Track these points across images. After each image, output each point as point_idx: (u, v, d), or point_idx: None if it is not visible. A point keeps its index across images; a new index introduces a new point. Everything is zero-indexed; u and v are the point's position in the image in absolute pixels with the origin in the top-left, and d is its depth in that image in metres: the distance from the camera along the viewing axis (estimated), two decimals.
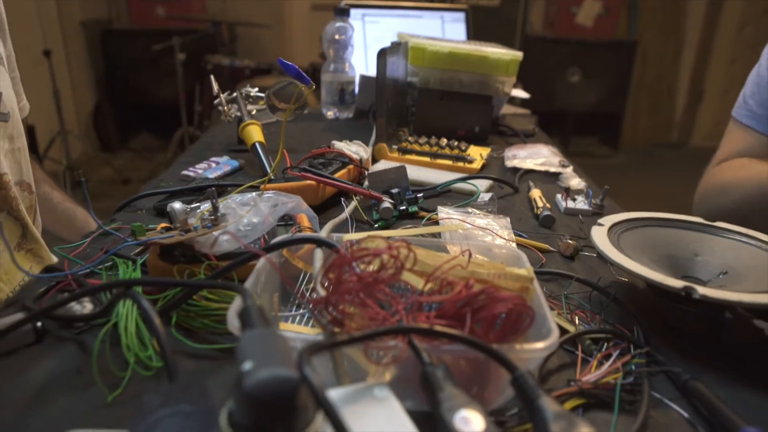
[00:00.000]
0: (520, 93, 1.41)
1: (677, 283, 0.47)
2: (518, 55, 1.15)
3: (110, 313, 0.47)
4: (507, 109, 1.40)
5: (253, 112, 1.04)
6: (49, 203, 1.02)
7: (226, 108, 0.99)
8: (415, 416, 0.31)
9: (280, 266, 0.51)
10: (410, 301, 0.37)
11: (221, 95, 1.00)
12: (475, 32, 1.67)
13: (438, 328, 0.35)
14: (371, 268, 0.38)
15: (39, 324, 0.48)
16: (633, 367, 0.46)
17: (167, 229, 0.56)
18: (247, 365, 0.27)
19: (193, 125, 3.60)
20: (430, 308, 0.40)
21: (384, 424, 0.31)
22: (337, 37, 1.27)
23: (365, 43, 1.55)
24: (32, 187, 0.88)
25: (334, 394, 0.32)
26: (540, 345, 0.37)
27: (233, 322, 0.37)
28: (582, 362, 0.47)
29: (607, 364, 0.45)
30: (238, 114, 0.99)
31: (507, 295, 0.37)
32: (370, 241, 0.40)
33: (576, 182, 0.91)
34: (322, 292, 0.38)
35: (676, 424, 0.41)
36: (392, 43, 1.07)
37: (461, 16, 1.70)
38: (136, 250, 0.61)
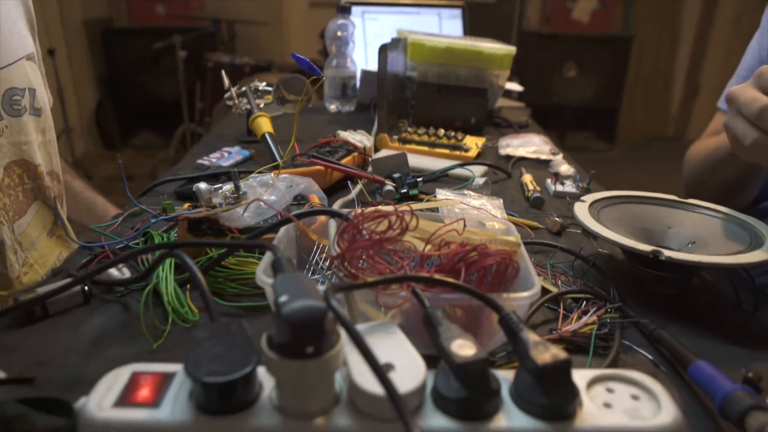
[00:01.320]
0: (514, 86, 1.48)
1: (646, 248, 0.54)
2: (512, 49, 1.22)
3: (149, 278, 0.54)
4: (503, 103, 1.46)
5: (261, 106, 1.10)
6: (71, 192, 1.08)
7: (236, 101, 1.05)
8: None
9: (296, 238, 0.57)
10: (413, 256, 0.44)
11: (232, 89, 1.06)
12: (472, 28, 1.73)
13: (436, 276, 0.41)
14: (380, 229, 0.44)
15: (86, 288, 0.54)
16: (608, 320, 0.52)
17: (193, 207, 0.63)
18: (284, 298, 0.34)
19: (195, 122, 3.66)
20: (430, 266, 0.46)
21: (392, 349, 0.37)
22: (339, 34, 1.34)
23: (365, 39, 1.61)
24: (60, 177, 0.95)
25: None
26: (524, 294, 0.44)
27: (261, 277, 0.44)
28: (563, 318, 0.53)
29: (584, 318, 0.52)
30: (248, 107, 1.06)
31: (496, 251, 0.44)
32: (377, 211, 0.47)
33: (565, 168, 0.97)
34: (338, 251, 0.45)
35: (642, 365, 0.48)
36: (392, 40, 1.13)
37: (458, 12, 1.76)
38: (163, 228, 0.68)
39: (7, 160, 0.80)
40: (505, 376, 0.39)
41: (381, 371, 0.33)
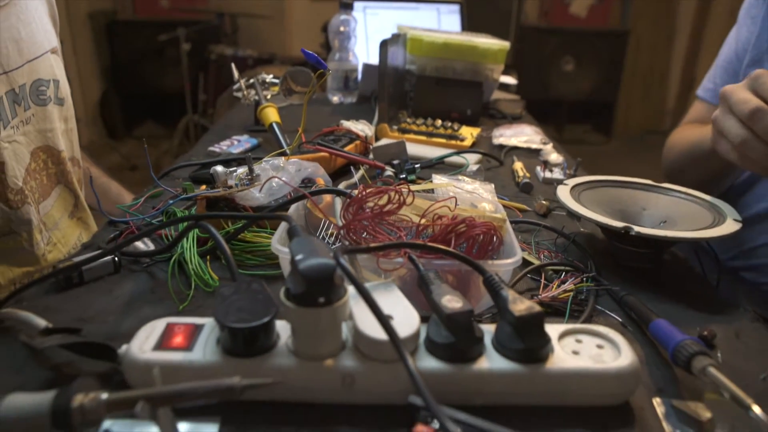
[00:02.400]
0: (508, 79, 1.54)
1: (618, 224, 0.60)
2: (505, 44, 1.28)
3: (173, 249, 0.60)
4: (499, 95, 1.52)
5: (268, 97, 1.16)
6: (87, 177, 1.14)
7: (245, 92, 1.11)
8: None
9: (305, 216, 0.64)
10: (410, 228, 0.50)
11: (241, 81, 1.12)
12: (471, 22, 1.78)
13: (429, 243, 0.48)
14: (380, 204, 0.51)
15: (116, 258, 0.61)
16: (584, 289, 0.59)
17: (210, 189, 0.69)
18: (299, 256, 0.40)
19: (198, 113, 3.72)
20: (425, 237, 0.53)
21: (391, 303, 0.43)
22: (341, 29, 1.39)
23: (366, 33, 1.67)
24: (80, 163, 1.01)
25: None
26: (508, 261, 0.50)
27: (276, 246, 0.50)
28: (544, 287, 0.60)
29: (563, 286, 0.58)
30: (256, 98, 1.12)
31: (482, 222, 0.50)
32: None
33: (554, 157, 1.03)
34: (344, 222, 0.51)
35: (612, 326, 0.54)
36: (393, 35, 1.19)
37: (456, 8, 1.81)
38: (183, 207, 0.74)
39: (34, 146, 0.87)
40: (488, 329, 0.45)
41: (383, 317, 0.39)
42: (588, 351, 0.44)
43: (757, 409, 0.36)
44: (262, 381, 0.36)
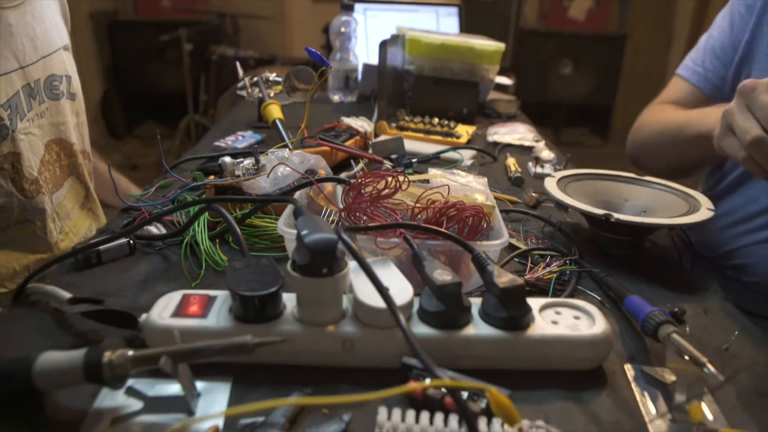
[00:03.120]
0: (504, 80, 1.58)
1: (600, 211, 0.65)
2: (501, 46, 1.32)
3: (185, 233, 0.65)
4: (496, 95, 1.56)
5: (271, 95, 1.20)
6: (95, 171, 1.18)
7: (249, 90, 1.16)
8: None
9: (307, 204, 0.68)
10: (405, 211, 0.55)
11: (245, 79, 1.16)
12: (470, 25, 1.83)
13: (423, 224, 0.52)
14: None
15: (131, 241, 0.65)
16: (567, 271, 0.63)
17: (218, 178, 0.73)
18: (305, 231, 0.44)
19: (199, 113, 3.76)
20: (419, 220, 0.57)
21: (387, 277, 0.48)
22: (342, 29, 1.44)
23: (366, 34, 1.71)
24: (90, 156, 1.05)
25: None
26: (495, 242, 0.55)
27: (282, 227, 0.55)
28: (530, 270, 0.64)
29: (548, 268, 0.63)
30: (260, 96, 1.16)
31: (471, 206, 0.55)
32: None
33: (546, 153, 1.08)
34: (344, 205, 0.55)
35: (590, 303, 0.59)
36: (392, 36, 1.24)
37: (454, 10, 1.86)
38: (191, 196, 0.78)
39: (48, 139, 0.91)
40: (475, 301, 0.49)
41: (381, 286, 0.43)
42: (566, 321, 0.48)
43: (710, 366, 0.41)
44: (271, 339, 0.40)
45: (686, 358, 0.43)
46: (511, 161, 1.02)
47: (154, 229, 0.68)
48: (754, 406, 0.45)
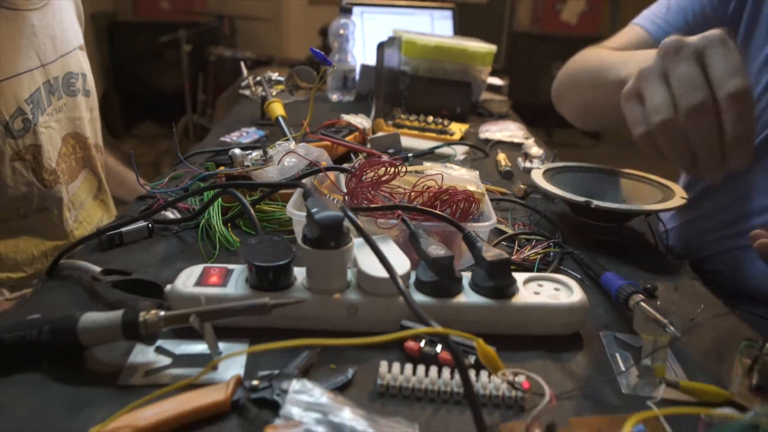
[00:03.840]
0: (496, 80, 1.65)
1: (580, 198, 0.71)
2: (492, 48, 1.38)
3: (199, 217, 0.70)
4: (488, 96, 1.62)
5: (273, 93, 1.26)
6: (105, 166, 1.24)
7: (253, 89, 1.21)
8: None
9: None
10: (403, 195, 0.60)
11: (249, 78, 1.22)
12: (464, 28, 1.88)
13: (418, 207, 0.58)
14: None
15: (150, 225, 0.70)
16: (551, 253, 0.69)
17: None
18: (315, 209, 0.50)
19: (197, 113, 3.81)
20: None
21: (387, 251, 0.53)
22: (341, 32, 1.50)
23: (364, 36, 1.77)
24: (102, 150, 1.11)
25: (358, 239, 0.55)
26: (484, 224, 0.61)
27: (291, 210, 0.60)
28: (517, 252, 0.70)
29: (533, 250, 0.68)
30: (263, 94, 1.22)
31: (462, 191, 0.60)
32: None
33: (535, 150, 1.14)
34: (347, 190, 0.61)
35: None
36: (389, 38, 1.29)
37: (449, 13, 1.92)
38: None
39: (65, 132, 0.96)
40: (466, 274, 0.55)
41: (383, 256, 0.49)
42: (547, 292, 0.54)
43: (671, 327, 0.47)
44: (286, 301, 0.46)
45: (652, 322, 0.49)
46: (501, 156, 1.08)
47: (170, 214, 0.74)
48: (711, 365, 0.51)
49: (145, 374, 0.46)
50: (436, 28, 1.88)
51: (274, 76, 1.27)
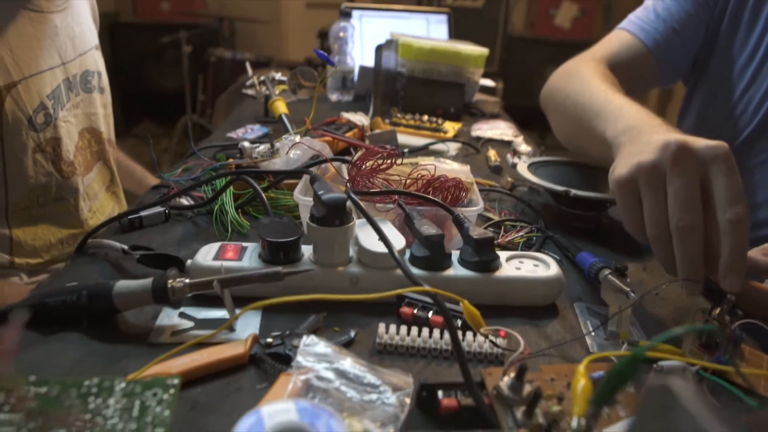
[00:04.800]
0: (488, 82, 1.71)
1: (560, 187, 0.77)
2: (485, 51, 1.45)
3: (213, 203, 0.77)
4: (481, 97, 1.69)
5: (277, 92, 1.32)
6: (114, 160, 1.30)
7: (258, 88, 1.28)
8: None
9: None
10: (399, 182, 0.67)
11: (254, 78, 1.28)
12: (460, 31, 1.95)
13: (413, 192, 0.64)
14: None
15: (167, 210, 0.77)
16: (534, 237, 0.76)
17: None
18: (321, 191, 0.57)
19: (196, 113, 3.87)
20: None
21: (385, 230, 0.60)
22: (341, 34, 1.57)
23: (362, 39, 1.84)
24: (114, 145, 1.17)
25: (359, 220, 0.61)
26: (473, 208, 0.67)
27: (298, 196, 0.67)
28: (503, 236, 0.76)
29: (517, 234, 0.75)
30: (267, 93, 1.28)
31: (452, 178, 0.67)
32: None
33: (523, 147, 1.21)
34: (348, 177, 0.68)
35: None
36: (386, 41, 1.36)
37: (444, 18, 1.99)
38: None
39: (81, 127, 1.02)
40: (455, 252, 0.62)
41: (382, 232, 0.56)
42: (527, 268, 0.61)
43: (632, 293, 0.53)
44: (296, 269, 0.52)
45: (617, 291, 0.56)
46: (491, 153, 1.14)
47: (185, 201, 0.80)
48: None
49: (171, 334, 0.52)
50: (431, 31, 1.95)
51: (277, 76, 1.33)
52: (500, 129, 1.31)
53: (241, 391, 0.46)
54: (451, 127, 1.32)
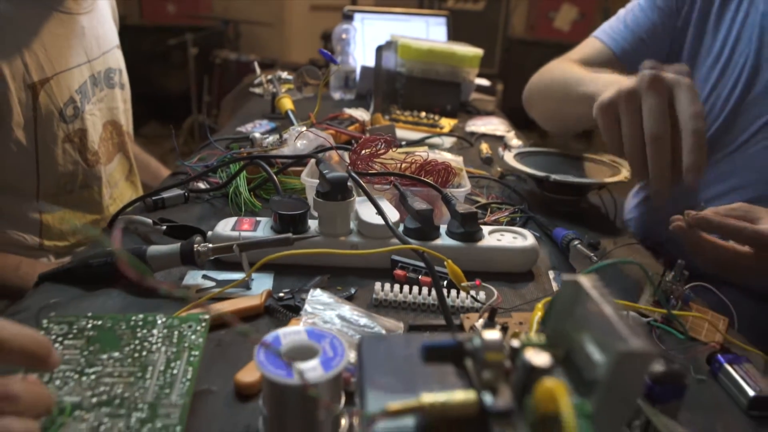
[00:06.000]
0: (483, 81, 1.80)
1: (541, 173, 0.86)
2: (479, 51, 1.54)
3: (227, 186, 0.85)
4: (477, 96, 1.77)
5: (283, 90, 1.41)
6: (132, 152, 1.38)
7: (266, 86, 1.36)
8: None
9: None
10: (395, 165, 0.75)
11: (262, 76, 1.37)
12: (461, 34, 2.02)
13: (406, 174, 0.73)
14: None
15: (186, 193, 0.85)
16: (517, 218, 0.84)
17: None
18: (326, 171, 0.65)
19: (202, 114, 3.96)
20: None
21: (382, 206, 0.68)
22: (343, 36, 1.65)
23: (364, 40, 1.92)
24: (132, 138, 1.25)
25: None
26: (460, 189, 0.76)
27: (305, 178, 0.75)
28: (489, 216, 0.85)
29: (502, 214, 0.83)
30: (274, 90, 1.37)
31: (442, 161, 0.75)
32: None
33: (515, 141, 1.29)
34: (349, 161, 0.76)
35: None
36: (386, 42, 1.45)
37: (443, 20, 2.07)
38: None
39: (104, 120, 1.11)
40: (443, 225, 0.70)
41: (379, 206, 0.64)
42: (506, 239, 0.69)
43: (594, 257, 0.62)
44: (304, 236, 0.61)
45: (583, 257, 0.64)
46: (484, 146, 1.23)
47: (202, 185, 0.88)
48: (631, 290, 0.66)
49: (196, 291, 0.61)
50: (431, 33, 2.03)
51: (284, 75, 1.41)
52: (493, 125, 1.39)
53: (257, 334, 0.54)
54: (447, 123, 1.41)
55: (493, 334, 0.28)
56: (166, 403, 0.41)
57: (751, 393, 0.46)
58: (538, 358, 0.26)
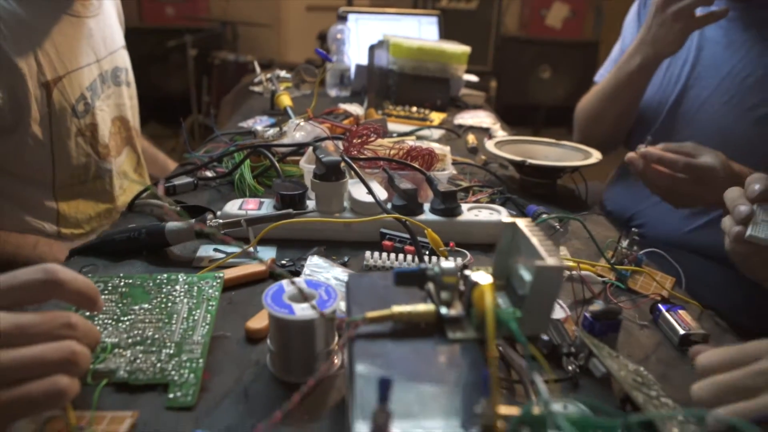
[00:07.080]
0: (471, 77, 1.88)
1: (517, 157, 0.94)
2: (467, 49, 1.62)
3: (233, 174, 0.93)
4: (467, 91, 1.86)
5: (282, 88, 1.49)
6: (140, 146, 1.46)
7: (266, 84, 1.45)
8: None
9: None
10: (384, 152, 0.84)
11: (262, 75, 1.45)
12: (454, 32, 2.10)
13: (395, 158, 0.81)
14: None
15: (195, 180, 0.93)
16: (496, 198, 0.92)
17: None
18: (322, 155, 0.73)
19: (202, 114, 4.04)
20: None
21: (372, 186, 0.77)
22: (338, 36, 1.73)
23: (358, 39, 2.00)
24: (139, 133, 1.34)
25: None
26: (443, 172, 0.84)
27: (303, 165, 0.84)
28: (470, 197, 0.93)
29: (482, 195, 0.92)
30: (273, 88, 1.45)
31: (426, 147, 0.84)
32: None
33: (500, 133, 1.37)
34: (342, 148, 0.84)
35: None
36: (378, 41, 1.53)
37: (434, 19, 2.16)
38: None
39: (113, 115, 1.19)
40: (426, 204, 0.78)
41: (368, 186, 0.72)
42: (483, 215, 0.78)
43: (558, 226, 0.70)
44: (303, 211, 0.69)
45: (548, 227, 0.72)
46: (470, 137, 1.31)
47: (209, 174, 0.97)
48: (591, 255, 0.74)
49: (209, 262, 0.69)
50: (423, 32, 2.11)
51: (282, 73, 1.50)
52: (480, 118, 1.47)
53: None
54: (436, 117, 1.49)
55: (448, 263, 0.36)
56: (190, 342, 0.49)
57: (681, 332, 0.55)
58: (479, 276, 0.34)
